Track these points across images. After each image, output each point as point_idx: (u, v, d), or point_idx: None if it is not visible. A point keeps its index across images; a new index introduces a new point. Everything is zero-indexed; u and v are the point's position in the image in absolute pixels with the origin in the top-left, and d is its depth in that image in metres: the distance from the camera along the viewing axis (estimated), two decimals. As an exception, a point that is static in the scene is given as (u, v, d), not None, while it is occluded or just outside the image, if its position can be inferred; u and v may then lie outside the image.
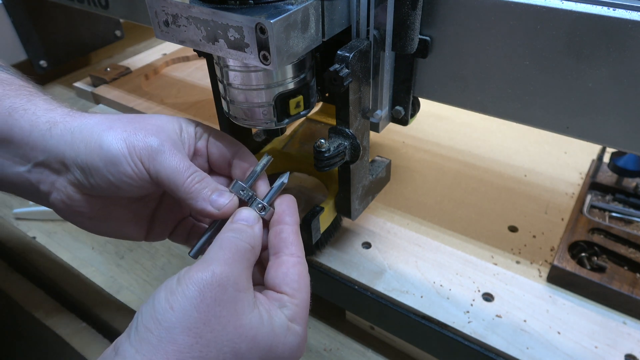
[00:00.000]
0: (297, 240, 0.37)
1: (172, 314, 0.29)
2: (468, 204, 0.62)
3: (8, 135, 0.37)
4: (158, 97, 0.88)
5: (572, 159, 0.69)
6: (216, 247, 0.34)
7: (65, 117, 0.38)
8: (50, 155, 0.37)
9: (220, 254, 0.33)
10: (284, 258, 0.36)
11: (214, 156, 0.41)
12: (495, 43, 0.38)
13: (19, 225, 0.70)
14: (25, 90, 0.40)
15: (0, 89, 0.39)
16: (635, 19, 0.32)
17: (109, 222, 0.41)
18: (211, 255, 0.33)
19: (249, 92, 0.40)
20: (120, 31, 1.06)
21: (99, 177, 0.36)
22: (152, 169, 0.36)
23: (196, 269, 0.31)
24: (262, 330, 0.32)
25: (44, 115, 0.38)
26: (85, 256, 0.66)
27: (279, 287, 0.35)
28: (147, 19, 0.39)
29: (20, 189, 0.40)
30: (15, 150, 0.38)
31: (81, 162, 0.36)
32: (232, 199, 0.37)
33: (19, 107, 0.38)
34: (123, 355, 0.29)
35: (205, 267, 0.31)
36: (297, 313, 0.34)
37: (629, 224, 0.55)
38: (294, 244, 0.37)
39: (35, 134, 0.37)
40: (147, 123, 0.38)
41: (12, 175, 0.38)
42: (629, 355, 0.44)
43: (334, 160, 0.41)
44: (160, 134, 0.37)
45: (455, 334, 0.47)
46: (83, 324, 0.58)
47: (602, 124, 0.37)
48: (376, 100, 0.44)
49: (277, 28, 0.33)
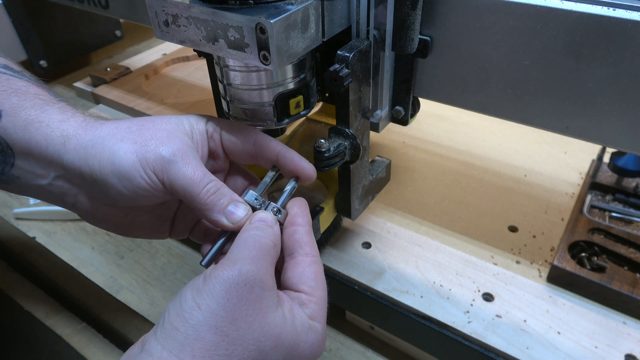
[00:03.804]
0: (310, 241, 0.37)
1: (199, 313, 0.30)
2: (468, 204, 0.62)
3: (26, 148, 0.37)
4: (158, 97, 0.88)
5: (572, 159, 0.69)
6: (240, 245, 0.34)
7: (77, 130, 0.38)
8: (69, 171, 0.37)
9: (245, 253, 0.33)
10: (299, 258, 0.36)
11: (231, 150, 0.41)
12: (495, 43, 0.38)
13: (19, 225, 0.70)
14: (39, 99, 0.40)
15: (16, 100, 0.39)
16: (635, 19, 0.32)
17: (135, 227, 0.41)
18: (236, 253, 0.33)
19: (249, 92, 0.40)
20: (120, 31, 1.06)
21: (115, 192, 0.36)
22: (167, 180, 0.36)
23: (222, 267, 0.31)
24: (285, 329, 0.32)
25: (57, 129, 0.38)
26: (85, 256, 0.66)
27: (297, 287, 0.35)
28: (147, 19, 0.39)
29: (48, 198, 0.40)
30: (35, 163, 0.38)
31: (97, 178, 0.36)
32: (247, 213, 0.37)
33: (34, 120, 0.38)
34: (149, 351, 0.29)
35: (231, 265, 0.32)
36: (317, 311, 0.35)
37: (629, 224, 0.55)
38: (307, 244, 0.37)
39: (51, 149, 0.37)
40: (158, 129, 0.37)
41: (36, 187, 0.39)
42: (629, 355, 0.44)
43: (334, 160, 0.41)
44: (172, 141, 0.37)
45: (455, 334, 0.47)
46: (83, 324, 0.58)
47: (602, 124, 0.37)
48: (376, 100, 0.44)
49: (277, 28, 0.33)
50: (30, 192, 0.40)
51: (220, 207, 0.36)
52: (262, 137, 0.40)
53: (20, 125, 0.37)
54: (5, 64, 0.43)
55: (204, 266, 0.37)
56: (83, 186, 0.38)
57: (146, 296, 0.60)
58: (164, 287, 0.61)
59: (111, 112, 0.88)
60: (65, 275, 0.63)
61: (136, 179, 0.35)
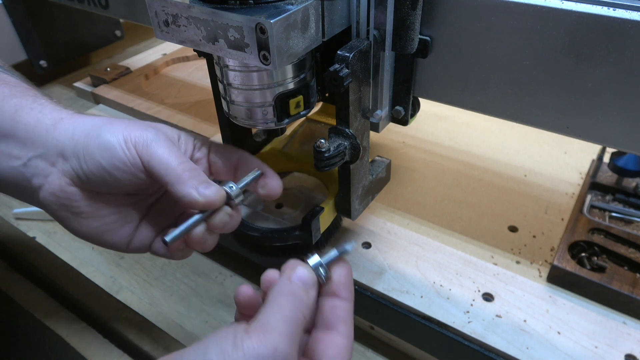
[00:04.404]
0: (351, 320, 0.35)
1: None
2: (468, 204, 0.62)
3: (10, 131, 0.38)
4: (158, 97, 0.88)
5: (572, 159, 0.69)
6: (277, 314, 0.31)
7: (71, 115, 0.39)
8: (50, 149, 0.38)
9: (281, 326, 0.30)
10: (337, 338, 0.34)
11: (218, 164, 0.42)
12: (495, 43, 0.38)
13: (19, 225, 0.70)
14: (32, 92, 0.41)
15: (7, 90, 0.40)
16: (635, 19, 0.32)
17: (96, 222, 0.40)
18: (272, 323, 0.30)
19: (249, 92, 0.40)
20: (120, 31, 1.06)
21: (92, 162, 0.37)
22: (145, 156, 0.37)
23: (257, 337, 0.29)
24: None
25: (50, 113, 0.39)
26: (85, 256, 0.66)
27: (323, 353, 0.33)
28: (147, 19, 0.39)
29: (8, 184, 0.39)
30: (14, 145, 0.38)
31: (78, 149, 0.37)
32: (219, 191, 0.37)
33: (26, 106, 0.39)
34: None
35: (266, 338, 0.29)
36: None
37: (629, 224, 0.55)
38: (348, 324, 0.35)
39: (40, 129, 0.38)
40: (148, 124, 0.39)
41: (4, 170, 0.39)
42: (629, 355, 0.44)
43: (334, 160, 0.41)
44: (159, 132, 0.38)
45: (455, 334, 0.47)
46: (83, 324, 0.58)
47: (602, 124, 0.37)
48: (376, 100, 0.44)
49: (277, 28, 0.33)
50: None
51: (193, 182, 0.36)
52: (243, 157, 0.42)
53: (9, 109, 0.39)
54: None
55: (167, 242, 0.36)
56: (59, 164, 0.38)
57: (146, 296, 0.60)
58: (164, 287, 0.61)
59: (111, 112, 0.88)
60: (65, 275, 0.63)
61: (115, 150, 0.36)
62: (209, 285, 0.61)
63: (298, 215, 0.53)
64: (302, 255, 0.36)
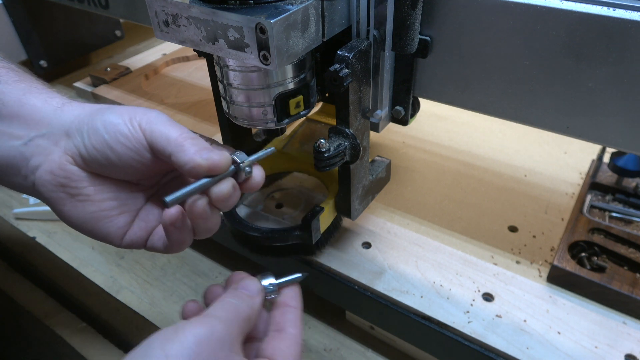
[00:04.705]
0: (301, 325, 0.38)
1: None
2: (468, 204, 0.62)
3: (17, 112, 0.39)
4: (158, 97, 0.88)
5: (572, 159, 0.69)
6: (218, 306, 0.34)
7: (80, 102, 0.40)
8: (55, 128, 0.38)
9: (221, 313, 0.33)
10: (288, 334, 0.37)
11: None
12: (495, 43, 0.38)
13: (19, 225, 0.70)
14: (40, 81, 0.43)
15: (16, 76, 0.41)
16: (635, 19, 0.32)
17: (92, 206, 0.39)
18: (211, 312, 0.33)
19: (249, 92, 0.40)
20: (120, 31, 1.06)
21: (95, 138, 0.37)
22: (148, 130, 0.37)
23: (196, 321, 0.32)
24: None
25: (57, 97, 0.40)
26: (85, 256, 0.66)
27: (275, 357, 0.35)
28: (147, 19, 0.39)
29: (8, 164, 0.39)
30: (18, 125, 0.38)
31: (83, 126, 0.38)
32: (223, 154, 0.36)
33: (34, 90, 0.40)
34: None
35: (206, 321, 0.32)
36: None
37: (629, 224, 0.55)
38: (297, 327, 0.37)
39: (47, 109, 0.39)
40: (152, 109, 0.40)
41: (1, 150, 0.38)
42: (629, 355, 0.44)
43: (334, 160, 0.41)
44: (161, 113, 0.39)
45: (455, 334, 0.47)
46: (83, 324, 0.58)
47: (602, 124, 0.37)
48: (376, 100, 0.44)
49: (277, 28, 0.33)
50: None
51: (196, 148, 0.35)
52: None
53: (17, 92, 0.40)
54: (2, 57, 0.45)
55: (167, 203, 0.34)
56: (61, 143, 0.38)
57: (146, 296, 0.60)
58: (164, 287, 0.61)
59: (111, 112, 0.88)
60: (65, 275, 0.63)
61: (120, 126, 0.37)
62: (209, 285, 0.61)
63: (298, 215, 0.54)
64: (303, 255, 0.37)
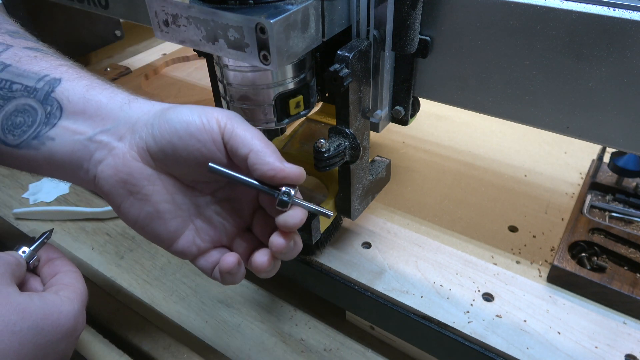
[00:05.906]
0: (69, 263, 0.43)
1: None
2: (468, 204, 0.62)
3: (81, 108, 0.39)
4: (158, 97, 0.87)
5: (572, 159, 0.69)
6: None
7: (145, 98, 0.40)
8: (120, 123, 0.38)
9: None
10: (61, 271, 0.41)
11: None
12: (495, 43, 0.38)
13: (19, 225, 0.70)
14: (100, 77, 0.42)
15: (76, 73, 0.41)
16: (635, 19, 0.32)
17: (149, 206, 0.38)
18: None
19: (249, 92, 0.40)
20: (120, 31, 1.06)
21: (165, 127, 0.36)
22: (229, 127, 0.36)
23: None
24: (32, 303, 0.35)
25: (122, 93, 0.40)
26: (85, 256, 0.66)
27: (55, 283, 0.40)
28: (147, 19, 0.39)
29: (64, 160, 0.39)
30: (83, 121, 0.39)
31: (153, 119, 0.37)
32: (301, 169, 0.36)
33: (97, 86, 0.40)
34: None
35: None
36: (72, 292, 0.39)
37: (629, 224, 0.55)
38: (69, 264, 0.42)
39: (112, 105, 0.39)
40: None
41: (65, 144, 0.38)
42: (629, 355, 0.44)
43: (334, 160, 0.41)
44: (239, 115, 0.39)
45: (455, 334, 0.47)
46: (83, 324, 0.58)
47: (602, 124, 0.37)
48: (376, 100, 0.44)
49: (277, 28, 0.33)
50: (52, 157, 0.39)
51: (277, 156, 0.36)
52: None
53: (81, 87, 0.40)
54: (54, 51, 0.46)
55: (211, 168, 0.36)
56: (126, 138, 0.38)
57: (146, 296, 0.60)
58: (164, 287, 0.61)
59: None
60: (65, 275, 0.63)
61: (194, 118, 0.36)
62: (209, 285, 0.61)
63: (298, 215, 0.53)
64: (303, 255, 0.36)
